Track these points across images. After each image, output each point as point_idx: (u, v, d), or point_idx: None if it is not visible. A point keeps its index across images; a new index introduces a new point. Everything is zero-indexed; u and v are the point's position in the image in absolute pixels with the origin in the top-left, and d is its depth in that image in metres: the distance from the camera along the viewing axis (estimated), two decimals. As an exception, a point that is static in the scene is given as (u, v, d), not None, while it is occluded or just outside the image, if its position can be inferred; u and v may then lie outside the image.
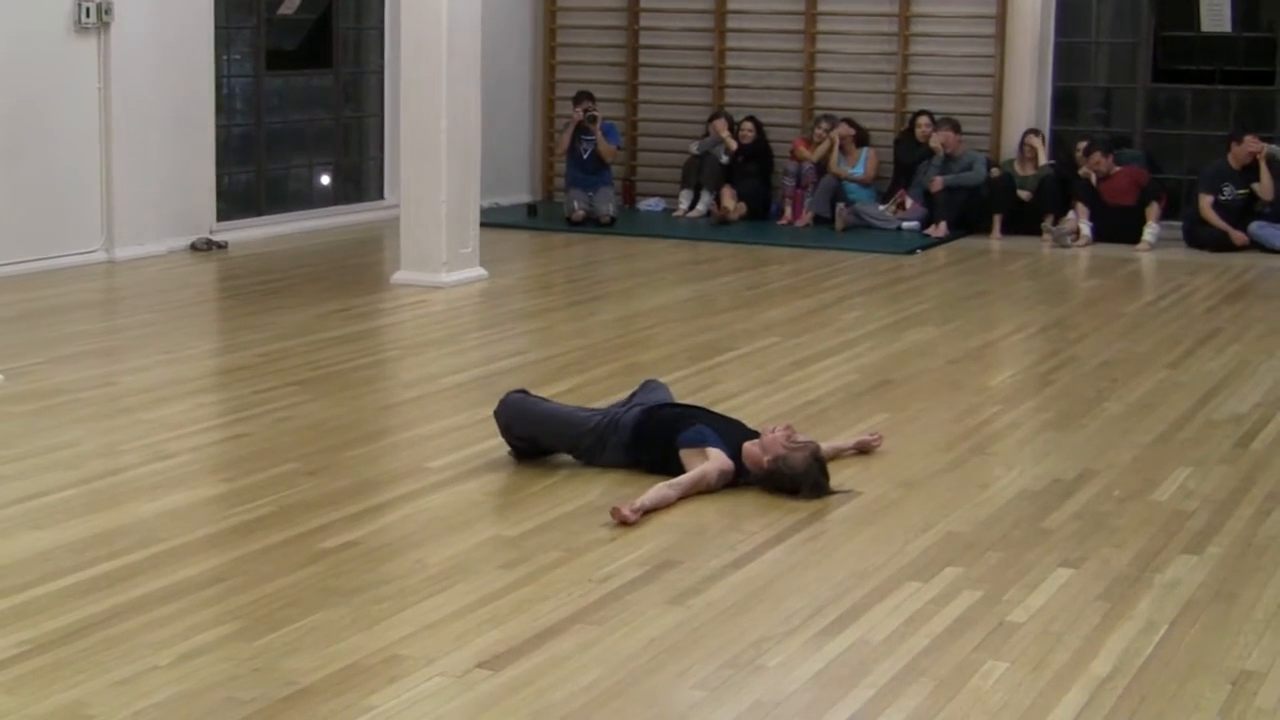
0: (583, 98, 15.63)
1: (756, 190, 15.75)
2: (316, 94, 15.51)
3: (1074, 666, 4.97)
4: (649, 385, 7.52)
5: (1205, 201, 14.39)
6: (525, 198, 16.87)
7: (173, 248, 13.08)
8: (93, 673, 4.77)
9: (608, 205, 15.30)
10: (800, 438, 6.81)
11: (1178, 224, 14.67)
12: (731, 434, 6.95)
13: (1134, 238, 14.33)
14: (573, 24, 17.15)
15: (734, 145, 15.73)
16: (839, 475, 6.95)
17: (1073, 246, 14.37)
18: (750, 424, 7.25)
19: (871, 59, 16.11)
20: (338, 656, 4.92)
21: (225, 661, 4.89)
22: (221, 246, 13.37)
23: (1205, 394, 8.76)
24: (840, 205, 15.16)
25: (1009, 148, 15.49)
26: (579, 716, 4.58)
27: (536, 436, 7.11)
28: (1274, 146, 14.69)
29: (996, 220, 14.83)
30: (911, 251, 14.03)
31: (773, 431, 6.82)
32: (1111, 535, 6.29)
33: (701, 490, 6.68)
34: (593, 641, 5.10)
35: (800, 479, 6.69)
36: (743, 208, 15.55)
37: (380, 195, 15.68)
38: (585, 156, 15.51)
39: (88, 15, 12.27)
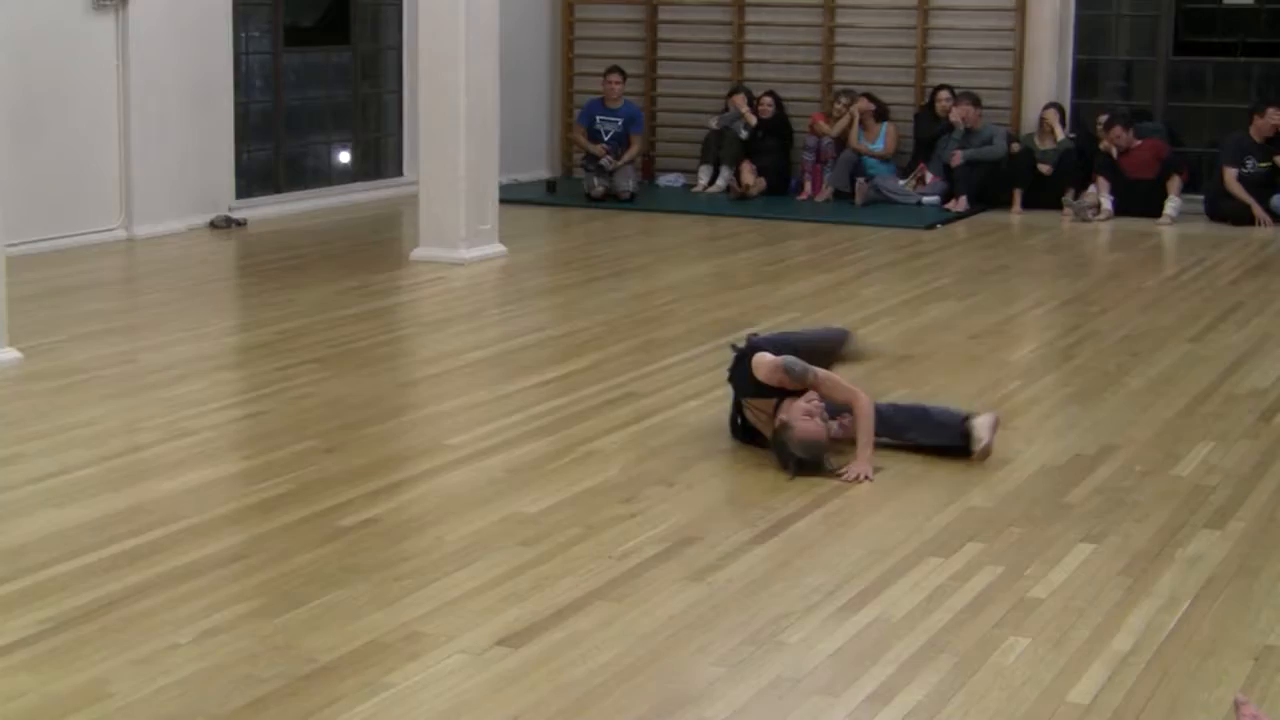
0: (612, 71, 15.59)
1: (776, 165, 15.71)
2: (335, 70, 15.50)
3: (1095, 642, 4.95)
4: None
5: (1230, 174, 14.32)
6: (544, 174, 16.86)
7: (192, 225, 13.08)
8: (113, 650, 4.78)
9: (627, 181, 15.27)
10: (822, 419, 6.76)
11: (1199, 198, 14.61)
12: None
13: (1155, 211, 14.28)
14: (591, -1, 17.13)
15: (753, 120, 15.69)
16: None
17: (1093, 220, 14.33)
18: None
19: (891, 33, 16.05)
20: (357, 634, 4.92)
21: (245, 639, 4.89)
22: (240, 224, 13.37)
23: (1227, 368, 8.73)
24: (860, 180, 15.12)
25: (1029, 122, 15.43)
26: (599, 693, 4.58)
27: None
28: (1296, 119, 14.62)
29: (1016, 194, 14.79)
30: (931, 226, 13.99)
31: (809, 400, 6.80)
32: (1133, 510, 6.27)
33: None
34: (613, 618, 5.10)
35: (784, 452, 6.69)
36: (762, 183, 15.52)
37: (399, 172, 15.67)
38: (607, 138, 15.49)
39: (106, -7, 12.28)
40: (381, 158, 15.86)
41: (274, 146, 14.56)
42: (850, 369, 7.49)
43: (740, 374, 6.99)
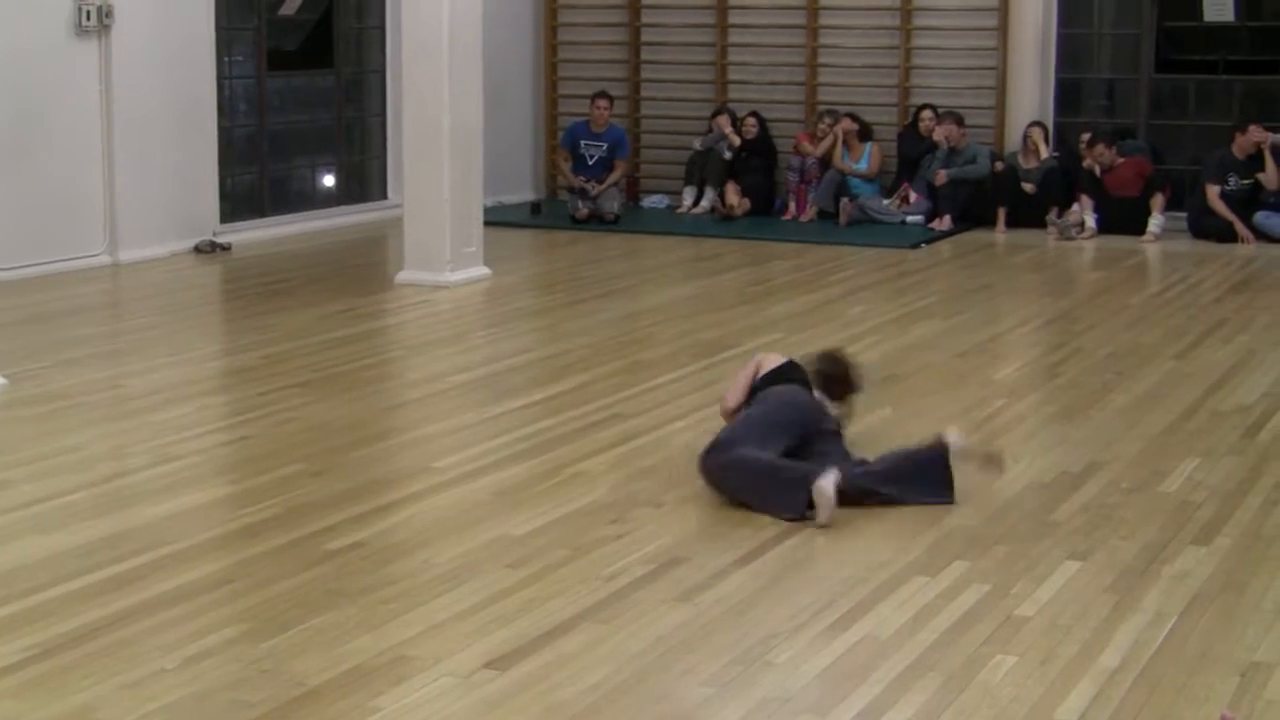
0: (600, 96, 15.60)
1: (760, 186, 15.74)
2: (318, 94, 15.51)
3: (1082, 659, 4.96)
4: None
5: (1213, 192, 14.36)
6: (529, 196, 16.86)
7: (176, 250, 13.08)
8: (100, 676, 4.77)
9: (612, 203, 15.29)
10: None
11: (1182, 215, 14.65)
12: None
13: (1139, 229, 14.32)
14: (575, 21, 17.15)
15: (737, 141, 15.73)
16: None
17: (1077, 238, 14.36)
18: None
19: (874, 53, 16.10)
20: (345, 658, 4.92)
21: (233, 663, 4.88)
22: (225, 248, 13.37)
23: (1212, 385, 8.75)
24: (844, 200, 15.15)
25: (1013, 140, 15.47)
26: (587, 715, 4.57)
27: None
28: (1278, 136, 14.67)
29: (1001, 213, 14.82)
30: (916, 245, 14.02)
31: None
32: (1119, 527, 6.28)
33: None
34: (600, 640, 5.09)
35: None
36: (746, 203, 15.54)
37: (383, 195, 15.68)
38: (591, 162, 15.51)
39: (89, 18, 12.27)
40: (366, 181, 15.87)
41: (258, 170, 14.57)
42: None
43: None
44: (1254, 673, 4.87)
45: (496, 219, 14.07)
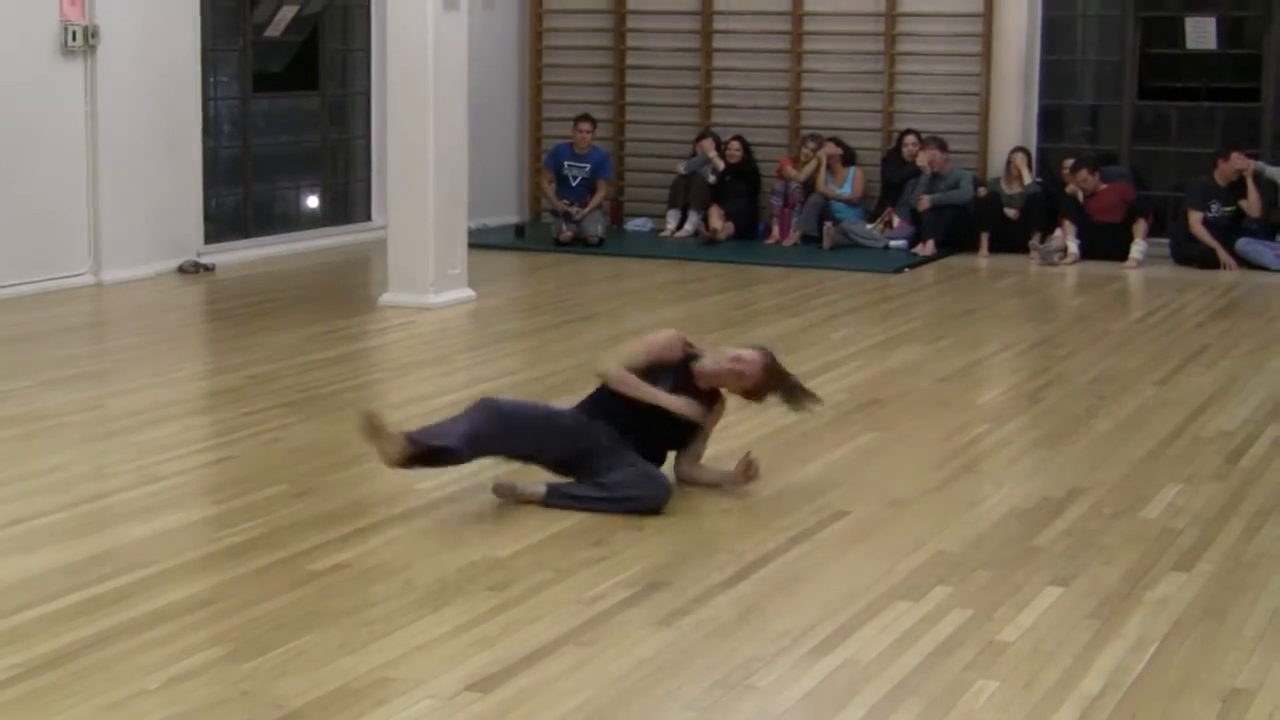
0: (583, 119, 15.64)
1: (744, 210, 15.76)
2: (303, 116, 15.52)
3: (1064, 685, 4.96)
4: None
5: (1195, 218, 14.41)
6: (513, 219, 16.88)
7: (160, 270, 13.07)
8: (82, 697, 4.75)
9: (596, 226, 15.31)
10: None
11: (1164, 241, 14.70)
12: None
13: (1121, 255, 14.36)
14: (560, 44, 17.18)
15: (721, 165, 15.75)
16: (827, 495, 6.97)
17: (1060, 264, 14.40)
18: (738, 443, 7.26)
19: (858, 78, 16.15)
20: (327, 679, 4.91)
21: (214, 684, 4.87)
22: (209, 269, 13.36)
23: (1194, 410, 8.77)
24: (828, 224, 15.17)
25: (996, 166, 15.52)
26: (569, 738, 4.57)
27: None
28: (1260, 163, 14.74)
29: (984, 238, 14.86)
30: (899, 270, 14.05)
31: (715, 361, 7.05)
32: (1101, 553, 6.29)
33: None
34: (582, 662, 5.09)
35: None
36: (730, 227, 15.56)
37: (368, 217, 15.68)
38: (575, 184, 15.53)
39: (74, 39, 12.27)
40: (350, 203, 15.87)
41: (242, 192, 14.57)
42: (825, 415, 7.51)
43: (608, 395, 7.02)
44: (1235, 699, 4.88)
45: (480, 241, 14.07)
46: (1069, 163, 14.95)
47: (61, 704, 4.71)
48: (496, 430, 6.74)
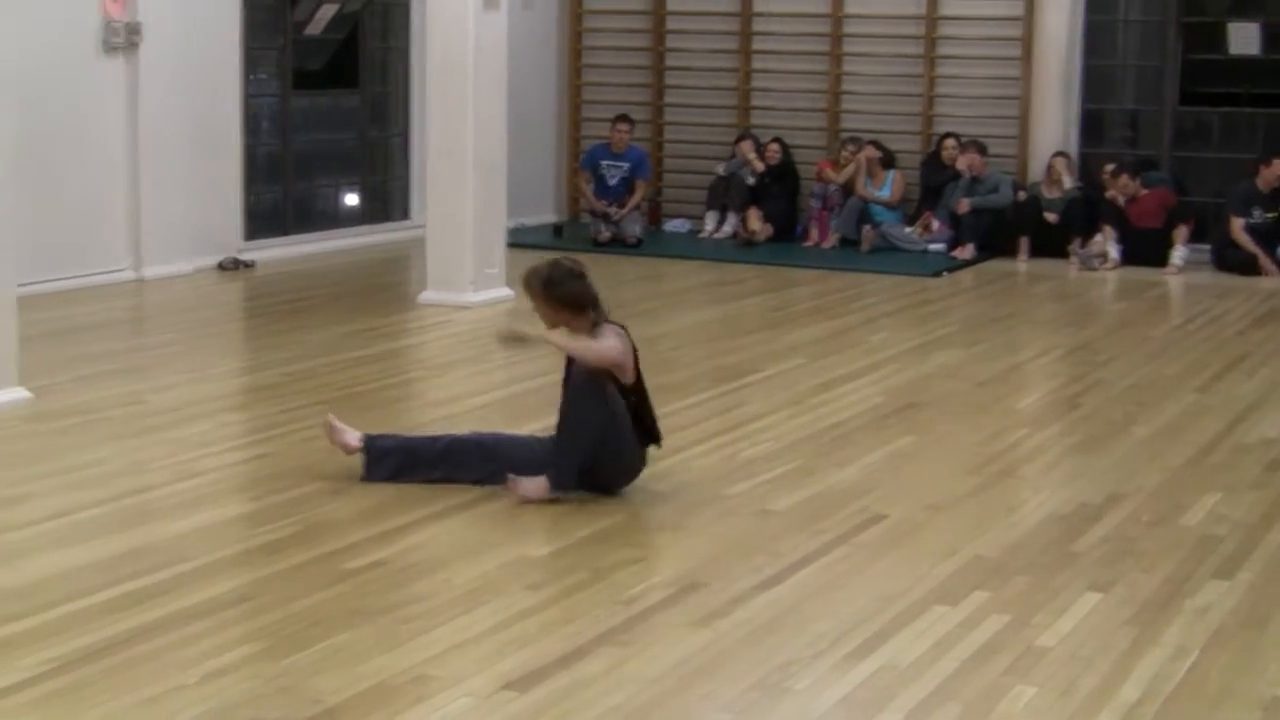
0: (621, 120, 15.64)
1: (782, 212, 15.74)
2: (343, 114, 15.56)
3: (1103, 692, 4.94)
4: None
5: (1237, 224, 14.34)
6: (551, 218, 16.89)
7: (200, 267, 13.11)
8: (119, 691, 4.77)
9: (634, 226, 15.31)
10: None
11: (1205, 247, 14.63)
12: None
13: (1161, 260, 14.29)
14: (599, 44, 17.18)
15: (760, 167, 15.73)
16: (865, 499, 6.96)
17: (1100, 269, 14.34)
18: (776, 445, 7.24)
19: (897, 80, 16.11)
20: (364, 676, 4.92)
21: (251, 680, 4.89)
22: (248, 265, 13.40)
23: (1234, 418, 8.73)
24: (866, 227, 15.14)
25: (1036, 170, 15.47)
26: (606, 738, 4.57)
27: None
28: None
29: (1023, 242, 14.81)
30: (938, 273, 14.01)
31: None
32: (1140, 560, 6.26)
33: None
34: (619, 663, 5.09)
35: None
36: (768, 229, 15.54)
37: (406, 215, 15.71)
38: (613, 184, 15.53)
39: (116, 35, 12.33)
40: (389, 201, 15.91)
41: (282, 189, 14.61)
42: (863, 419, 7.50)
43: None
44: (1275, 708, 4.86)
45: (519, 241, 14.07)
46: (1109, 168, 14.89)
47: (99, 698, 4.73)
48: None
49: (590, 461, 6.80)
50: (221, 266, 13.27)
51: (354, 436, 7.09)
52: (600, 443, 6.79)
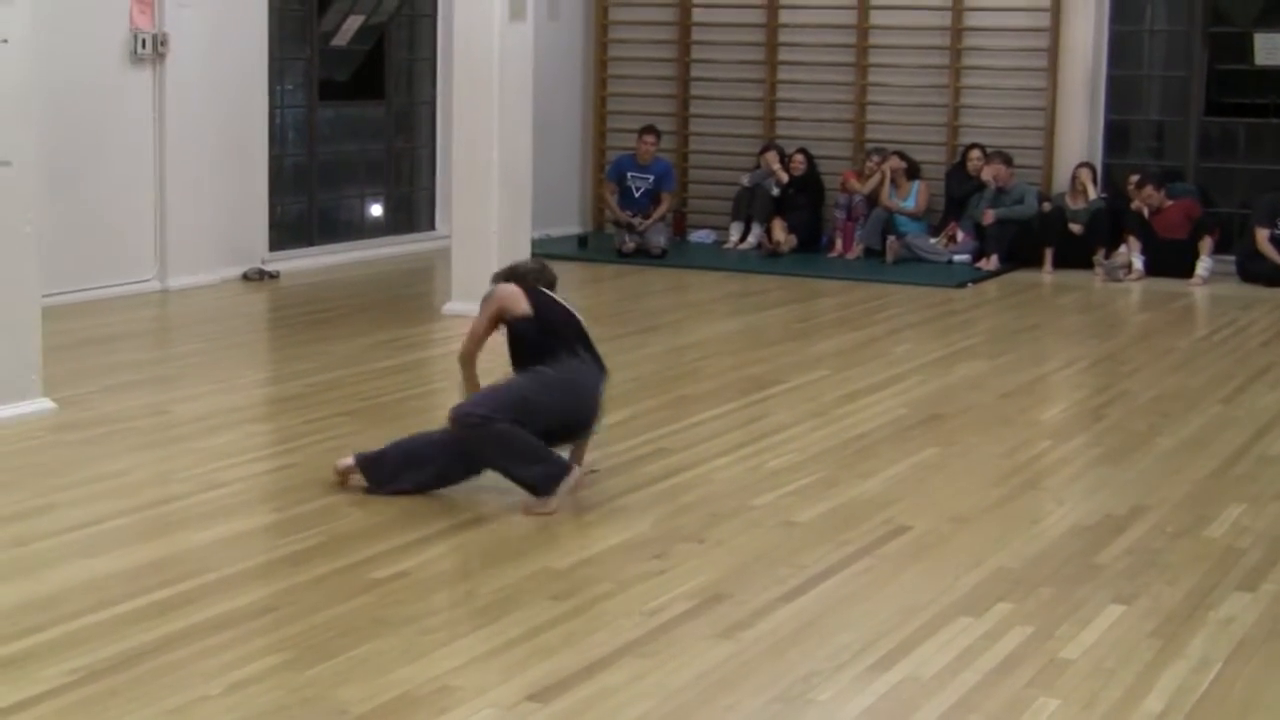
0: (647, 131, 15.65)
1: (807, 222, 15.74)
2: (368, 125, 15.60)
3: (1126, 704, 4.93)
4: None
5: (1262, 235, 14.32)
6: (576, 229, 16.90)
7: (225, 277, 13.15)
8: (144, 701, 4.79)
9: (659, 237, 15.32)
10: None
11: (1230, 258, 14.60)
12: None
13: (1186, 272, 14.27)
14: (624, 55, 17.21)
15: (785, 177, 15.74)
16: (888, 510, 6.96)
17: (1124, 280, 14.32)
18: (800, 456, 7.24)
19: (923, 91, 16.11)
20: (388, 687, 4.93)
21: (276, 690, 4.90)
22: (274, 276, 13.44)
23: (1259, 430, 8.71)
24: (891, 238, 15.14)
25: (1060, 181, 15.45)
26: (628, 750, 4.58)
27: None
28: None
29: (1048, 253, 14.79)
30: (962, 284, 14.00)
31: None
32: (1164, 572, 6.25)
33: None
34: (642, 674, 5.09)
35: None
36: (793, 240, 15.54)
37: (431, 226, 15.74)
38: (638, 195, 15.55)
39: (143, 46, 12.38)
40: (414, 211, 15.94)
41: (307, 200, 14.65)
42: (886, 430, 7.49)
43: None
44: (1299, 721, 4.85)
45: (544, 252, 14.06)
46: (1135, 178, 14.87)
47: (124, 708, 4.74)
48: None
49: (527, 419, 6.99)
50: (246, 277, 13.32)
51: (347, 459, 7.18)
52: (522, 402, 7.06)
